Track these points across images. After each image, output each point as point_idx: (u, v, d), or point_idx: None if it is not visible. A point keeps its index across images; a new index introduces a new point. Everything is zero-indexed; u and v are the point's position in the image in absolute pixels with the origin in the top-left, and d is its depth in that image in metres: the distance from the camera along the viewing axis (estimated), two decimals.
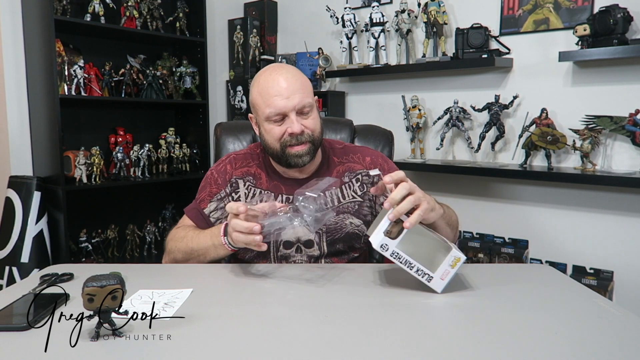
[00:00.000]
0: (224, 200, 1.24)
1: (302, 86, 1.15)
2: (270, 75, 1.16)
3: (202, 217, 1.24)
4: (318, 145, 1.21)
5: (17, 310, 0.82)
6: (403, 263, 0.92)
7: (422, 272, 0.92)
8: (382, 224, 0.92)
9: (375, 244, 0.92)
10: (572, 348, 0.71)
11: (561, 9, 2.12)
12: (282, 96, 1.12)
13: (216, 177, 1.27)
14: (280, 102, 1.12)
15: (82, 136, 2.53)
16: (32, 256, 2.20)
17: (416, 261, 0.92)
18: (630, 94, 1.97)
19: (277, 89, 1.13)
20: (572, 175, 1.97)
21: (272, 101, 1.13)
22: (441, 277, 0.91)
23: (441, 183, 2.51)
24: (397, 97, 2.55)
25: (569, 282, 1.02)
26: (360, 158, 1.29)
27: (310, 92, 1.18)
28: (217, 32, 3.09)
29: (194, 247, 1.12)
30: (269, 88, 1.14)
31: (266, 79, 1.16)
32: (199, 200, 1.27)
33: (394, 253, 0.92)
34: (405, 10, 2.46)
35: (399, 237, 0.91)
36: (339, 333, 0.77)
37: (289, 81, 1.13)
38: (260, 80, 1.17)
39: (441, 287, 0.92)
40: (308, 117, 1.16)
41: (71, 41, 2.42)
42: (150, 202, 2.82)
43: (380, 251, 0.92)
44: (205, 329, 0.77)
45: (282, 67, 1.18)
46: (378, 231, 0.92)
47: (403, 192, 0.92)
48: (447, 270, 0.91)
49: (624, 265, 2.04)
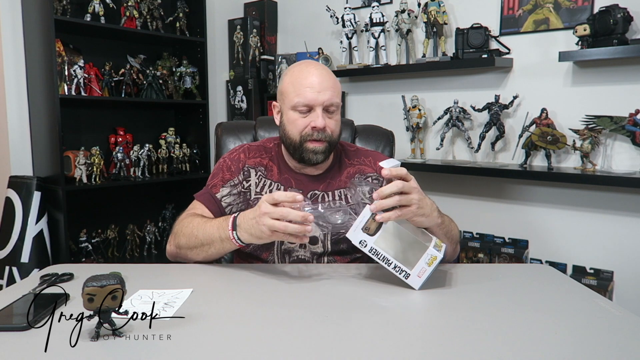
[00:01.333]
0: (237, 187, 1.24)
1: (333, 85, 1.18)
2: (307, 67, 1.19)
3: (213, 201, 1.23)
4: (334, 147, 1.22)
5: (17, 310, 0.83)
6: (381, 259, 0.94)
7: (399, 268, 0.93)
8: (361, 220, 0.94)
9: (354, 240, 0.94)
10: (572, 348, 0.71)
11: (561, 9, 2.12)
12: (313, 89, 1.15)
13: (229, 164, 1.26)
14: (310, 94, 1.15)
15: (82, 136, 2.53)
16: (32, 256, 2.20)
17: (393, 258, 0.93)
18: (630, 94, 1.97)
19: (310, 81, 1.15)
20: (572, 175, 1.97)
21: (303, 91, 1.15)
22: (418, 274, 0.92)
23: (441, 183, 2.51)
24: (397, 97, 2.55)
25: (569, 282, 1.03)
26: (371, 161, 1.31)
27: (339, 94, 1.20)
28: (217, 32, 3.09)
29: (199, 236, 1.10)
30: (303, 79, 1.16)
31: (301, 69, 1.19)
32: (211, 185, 1.26)
33: (372, 249, 0.93)
34: (405, 10, 2.45)
35: (376, 233, 0.92)
36: (339, 333, 0.77)
37: (322, 77, 1.16)
38: (294, 70, 1.20)
39: (418, 284, 0.92)
40: (332, 117, 1.19)
41: (71, 41, 2.42)
42: (150, 202, 2.82)
43: (359, 247, 0.94)
44: (205, 329, 0.77)
45: (318, 64, 1.21)
46: (356, 227, 0.94)
47: (393, 188, 0.93)
48: (423, 268, 0.92)
49: (624, 265, 2.04)
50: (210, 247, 1.08)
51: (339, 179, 1.26)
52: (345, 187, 1.25)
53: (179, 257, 1.17)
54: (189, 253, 1.13)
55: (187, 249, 1.12)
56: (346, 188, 1.24)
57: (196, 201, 1.25)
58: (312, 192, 1.23)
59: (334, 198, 1.24)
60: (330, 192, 1.24)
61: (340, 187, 1.25)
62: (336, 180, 1.26)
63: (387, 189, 0.93)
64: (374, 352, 0.70)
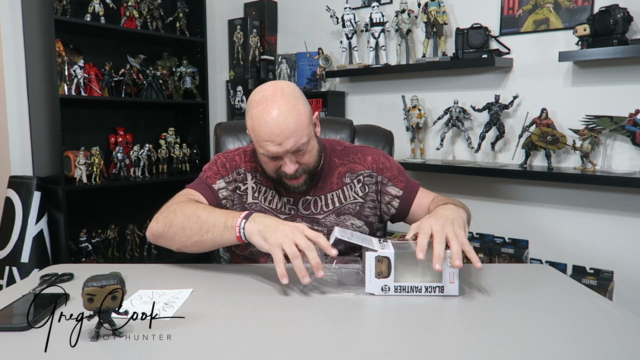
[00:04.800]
0: (230, 184, 1.22)
1: (295, 127, 1.06)
2: (263, 114, 1.06)
3: (210, 191, 1.19)
4: (315, 171, 1.19)
5: (17, 310, 0.82)
6: (410, 291, 0.91)
7: (431, 288, 0.91)
8: (369, 270, 0.90)
9: (376, 291, 0.90)
10: (572, 348, 0.71)
11: (561, 9, 2.12)
12: (274, 142, 1.06)
13: (224, 161, 1.25)
14: (272, 147, 1.07)
15: (82, 136, 2.53)
16: (32, 256, 2.20)
17: (420, 283, 0.91)
18: (630, 94, 1.97)
19: (268, 133, 1.05)
20: (572, 175, 1.97)
21: (265, 145, 1.08)
22: (450, 281, 0.90)
23: (441, 183, 2.51)
24: (397, 97, 2.55)
25: (569, 282, 1.02)
26: (361, 158, 1.27)
27: (306, 127, 1.09)
28: (217, 32, 3.09)
29: (202, 216, 1.03)
30: (261, 131, 1.07)
31: (259, 117, 1.07)
32: (205, 177, 1.22)
33: (397, 288, 0.91)
34: (405, 10, 2.45)
35: (390, 272, 0.90)
36: (339, 333, 0.77)
37: (281, 125, 1.05)
38: (253, 115, 1.09)
39: (456, 290, 0.90)
40: (304, 154, 1.11)
41: (71, 41, 2.42)
42: (150, 202, 2.79)
43: (383, 294, 0.90)
44: (205, 329, 0.77)
45: (274, 103, 1.07)
46: (369, 277, 0.90)
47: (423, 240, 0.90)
48: (451, 272, 0.90)
49: (624, 265, 2.04)
50: (208, 232, 1.02)
51: (330, 181, 1.24)
52: (337, 190, 1.23)
53: (163, 238, 1.09)
54: (179, 234, 1.06)
55: (181, 228, 1.05)
56: (336, 223, 1.20)
57: (189, 189, 1.20)
58: (303, 199, 1.21)
59: (326, 202, 1.22)
60: (323, 196, 1.22)
61: (332, 190, 1.23)
62: (327, 183, 1.24)
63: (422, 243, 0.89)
64: (374, 352, 0.70)
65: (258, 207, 1.22)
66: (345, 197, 1.24)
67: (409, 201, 1.25)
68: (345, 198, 1.24)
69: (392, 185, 1.26)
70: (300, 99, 1.11)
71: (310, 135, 1.12)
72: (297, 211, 1.22)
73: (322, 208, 1.22)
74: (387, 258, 0.90)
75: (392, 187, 1.26)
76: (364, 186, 1.25)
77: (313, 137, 1.14)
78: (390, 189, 1.26)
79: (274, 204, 1.22)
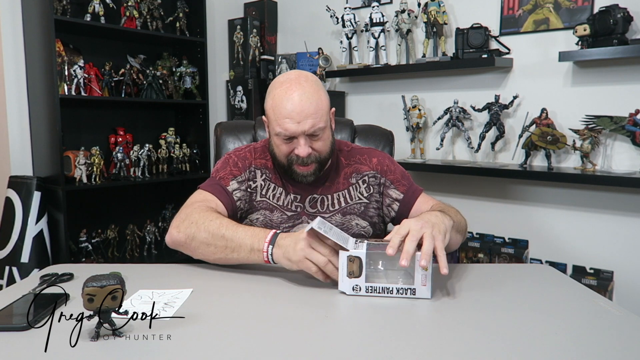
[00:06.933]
0: (243, 184, 1.22)
1: (316, 109, 1.10)
2: (287, 92, 1.10)
3: (225, 193, 1.18)
4: (326, 163, 1.20)
5: (17, 310, 0.82)
6: (381, 292, 0.91)
7: (402, 290, 0.90)
8: (342, 268, 0.91)
9: (347, 290, 0.91)
10: (572, 348, 0.71)
11: (561, 9, 2.12)
12: (293, 119, 1.09)
13: (236, 160, 1.24)
14: (290, 125, 1.09)
15: (82, 136, 2.53)
16: (32, 256, 2.20)
17: (392, 284, 0.91)
18: (630, 94, 1.97)
19: (289, 110, 1.09)
20: (572, 175, 1.97)
21: (283, 122, 1.10)
22: (422, 283, 0.90)
23: (441, 183, 2.51)
24: (397, 97, 2.55)
25: (569, 282, 1.03)
26: (367, 159, 1.29)
27: (325, 114, 1.13)
28: (217, 32, 3.09)
29: (227, 236, 1.02)
30: (282, 107, 1.10)
31: (282, 94, 1.11)
32: (219, 177, 1.21)
33: (368, 288, 0.91)
34: (405, 10, 2.46)
35: (362, 273, 0.90)
36: (339, 333, 0.77)
37: (302, 104, 1.09)
38: (276, 93, 1.12)
39: (428, 293, 0.90)
40: (318, 140, 1.13)
41: (71, 41, 2.42)
42: (150, 202, 2.82)
43: (354, 294, 0.91)
44: (205, 329, 0.77)
45: (299, 84, 1.11)
46: (342, 278, 0.91)
47: (396, 239, 0.90)
48: (424, 275, 0.89)
49: (624, 265, 2.04)
50: (234, 252, 1.02)
51: (337, 180, 1.25)
52: (344, 190, 1.24)
53: (185, 248, 1.08)
54: (202, 248, 1.05)
55: (205, 244, 1.04)
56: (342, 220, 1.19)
57: (205, 192, 1.18)
58: (310, 197, 1.22)
59: (332, 201, 1.23)
60: (330, 195, 1.23)
61: (339, 190, 1.24)
62: (334, 183, 1.25)
63: (394, 241, 0.89)
64: (374, 352, 0.70)
65: (265, 204, 1.22)
66: (351, 197, 1.25)
67: (409, 206, 1.26)
68: (351, 198, 1.25)
69: (393, 188, 1.27)
70: (322, 89, 1.16)
71: (327, 124, 1.15)
72: (303, 209, 1.22)
73: (328, 207, 1.23)
74: (358, 258, 0.90)
75: (394, 190, 1.27)
76: (369, 187, 1.26)
77: (329, 127, 1.17)
78: (392, 191, 1.27)
79: (282, 200, 1.22)
